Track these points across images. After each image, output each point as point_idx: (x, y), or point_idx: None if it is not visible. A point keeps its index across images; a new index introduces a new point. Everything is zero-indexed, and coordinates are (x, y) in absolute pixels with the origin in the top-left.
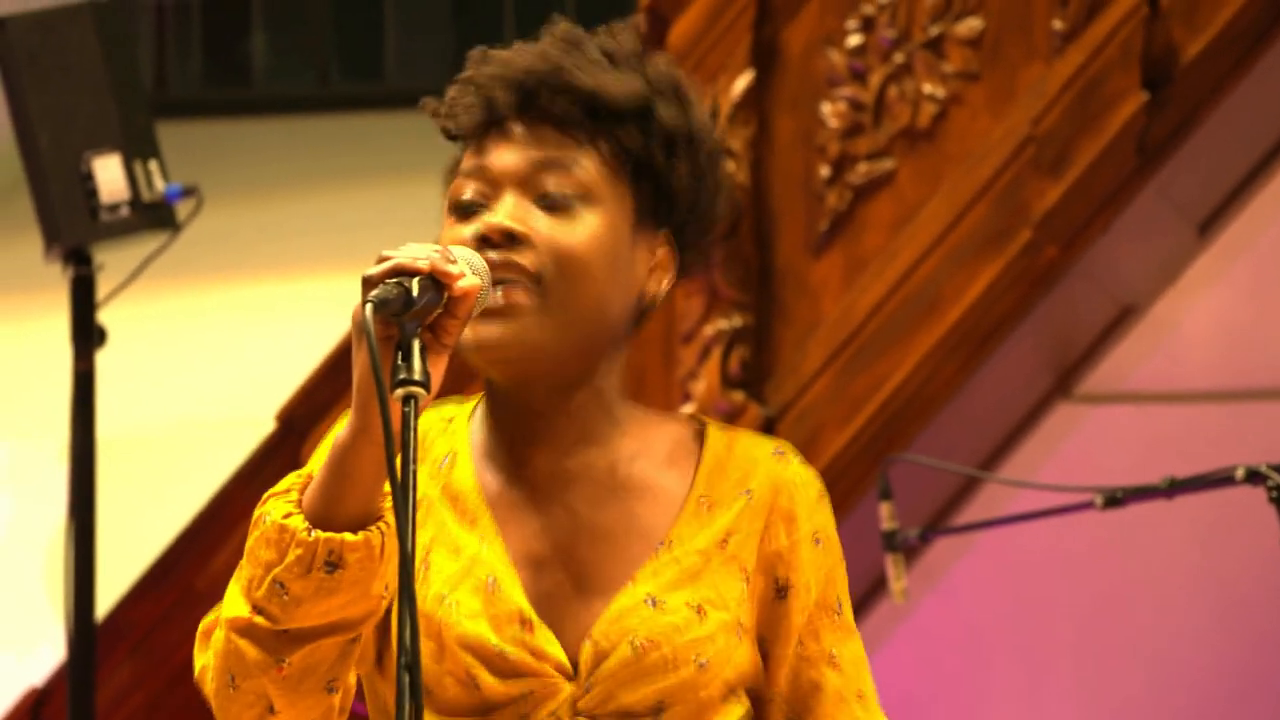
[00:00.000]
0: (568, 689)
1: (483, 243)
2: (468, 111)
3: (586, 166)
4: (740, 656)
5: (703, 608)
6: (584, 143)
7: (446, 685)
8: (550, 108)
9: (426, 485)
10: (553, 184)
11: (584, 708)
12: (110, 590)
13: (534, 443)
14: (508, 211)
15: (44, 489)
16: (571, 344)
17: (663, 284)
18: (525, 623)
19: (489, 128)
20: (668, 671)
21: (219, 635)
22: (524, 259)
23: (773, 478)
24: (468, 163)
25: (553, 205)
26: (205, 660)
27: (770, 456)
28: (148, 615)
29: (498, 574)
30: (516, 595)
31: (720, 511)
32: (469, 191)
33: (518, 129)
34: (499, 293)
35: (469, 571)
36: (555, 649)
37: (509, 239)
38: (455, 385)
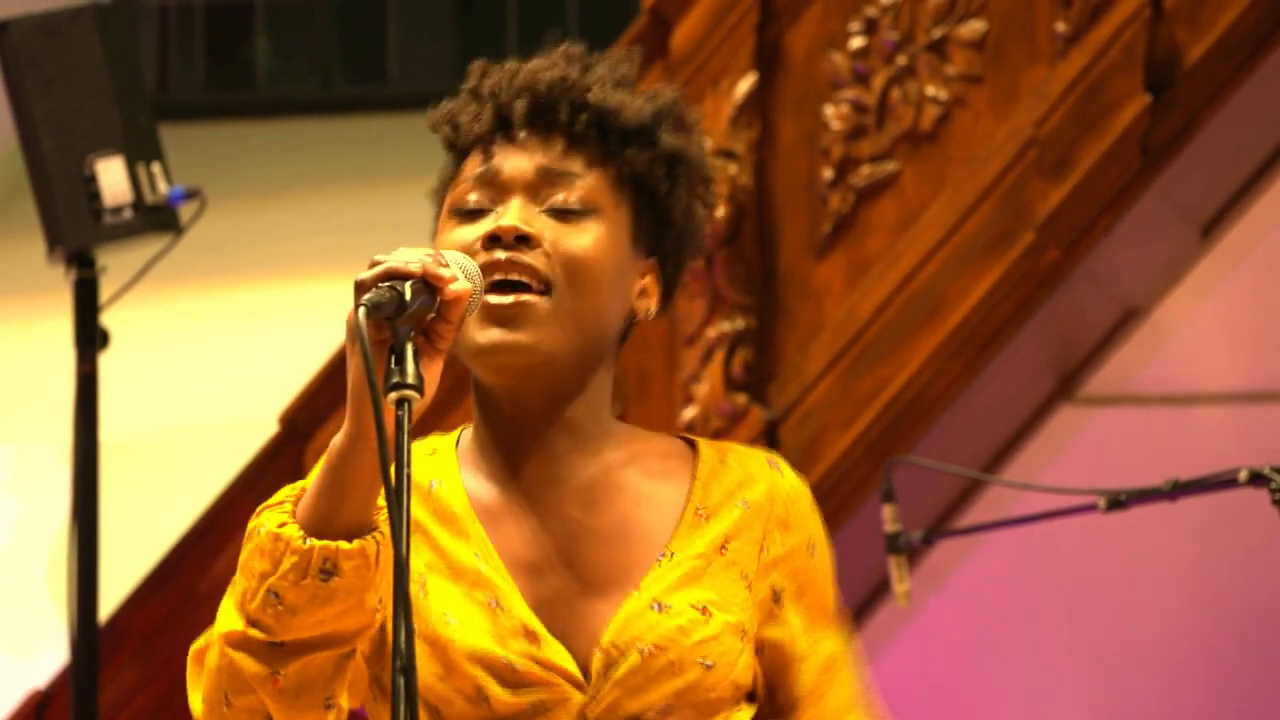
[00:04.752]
0: (577, 699)
1: (492, 242)
2: (478, 119)
3: (592, 181)
4: (745, 661)
5: (707, 609)
6: (592, 160)
7: (455, 702)
8: (565, 121)
9: (415, 511)
10: (560, 194)
11: (592, 716)
12: (113, 593)
13: (527, 451)
14: (518, 215)
15: (47, 492)
16: (573, 352)
17: (648, 308)
18: (531, 635)
19: (496, 136)
20: (674, 675)
21: (212, 654)
22: (534, 260)
23: (769, 487)
24: (473, 169)
25: (560, 214)
26: (200, 687)
27: (764, 467)
28: (150, 618)
29: (499, 592)
30: (520, 610)
31: (716, 521)
32: (475, 196)
33: (529, 139)
34: (509, 297)
35: (469, 593)
36: (563, 658)
37: (520, 240)
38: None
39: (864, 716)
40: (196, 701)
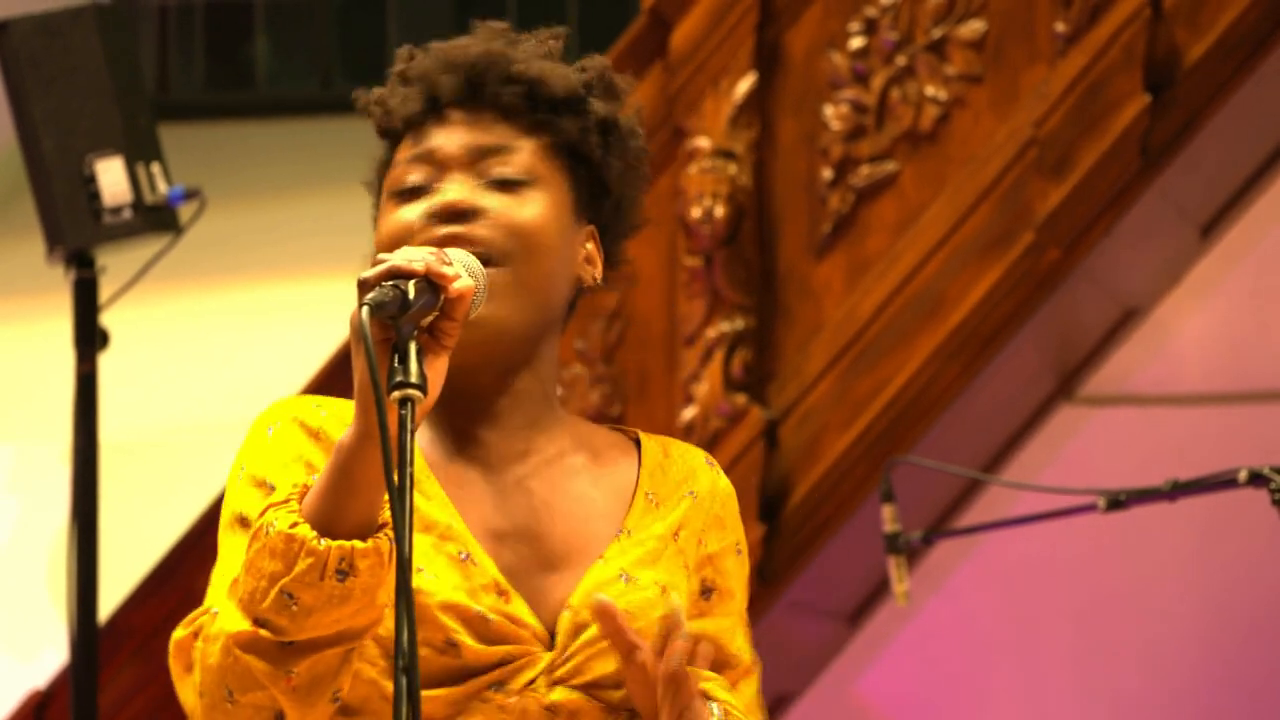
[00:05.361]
0: (546, 658)
1: (433, 219)
2: (408, 101)
3: (528, 152)
4: None
5: (666, 589)
6: (525, 130)
7: (422, 655)
8: (494, 94)
9: None
10: (498, 167)
11: (560, 676)
12: (113, 593)
13: (482, 423)
14: (458, 190)
15: (47, 492)
16: (524, 323)
17: (594, 275)
18: (502, 592)
19: (429, 115)
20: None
21: (210, 649)
22: (480, 233)
23: (710, 484)
24: (407, 151)
25: (502, 185)
26: (191, 680)
27: (705, 464)
28: (150, 618)
29: (469, 547)
30: (490, 567)
31: (667, 509)
32: (413, 176)
33: (461, 115)
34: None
35: (440, 545)
36: (531, 618)
37: (462, 215)
38: None
39: None
40: (189, 695)
